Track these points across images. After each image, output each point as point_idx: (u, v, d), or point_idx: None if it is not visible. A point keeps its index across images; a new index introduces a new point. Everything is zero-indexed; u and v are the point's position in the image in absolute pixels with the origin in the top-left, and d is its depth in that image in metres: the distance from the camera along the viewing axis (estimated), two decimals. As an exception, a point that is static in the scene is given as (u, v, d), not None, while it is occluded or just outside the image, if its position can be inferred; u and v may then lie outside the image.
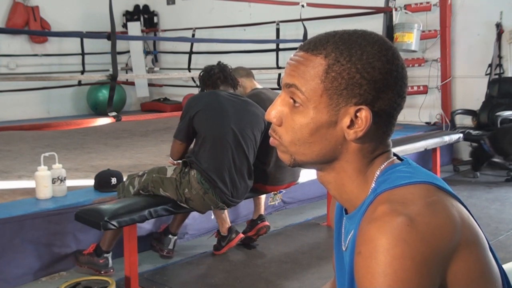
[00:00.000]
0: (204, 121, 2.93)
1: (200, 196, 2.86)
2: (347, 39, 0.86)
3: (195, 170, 2.88)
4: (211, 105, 2.97)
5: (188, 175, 2.87)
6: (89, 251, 3.05)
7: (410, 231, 0.74)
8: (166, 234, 3.28)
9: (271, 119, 0.90)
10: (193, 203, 2.89)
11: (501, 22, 5.65)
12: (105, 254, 3.02)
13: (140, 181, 2.98)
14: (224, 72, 3.17)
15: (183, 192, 2.86)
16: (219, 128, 2.93)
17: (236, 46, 7.40)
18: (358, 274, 0.77)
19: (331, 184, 0.92)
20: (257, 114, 3.07)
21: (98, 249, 3.03)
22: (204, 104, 2.97)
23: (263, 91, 3.43)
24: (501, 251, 3.27)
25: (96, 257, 3.01)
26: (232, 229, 3.32)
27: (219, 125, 2.93)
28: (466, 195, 4.55)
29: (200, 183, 2.85)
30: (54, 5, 8.31)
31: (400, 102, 0.88)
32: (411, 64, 6.11)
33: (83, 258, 3.06)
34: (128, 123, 6.84)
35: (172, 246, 3.27)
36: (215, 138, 2.91)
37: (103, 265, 3.02)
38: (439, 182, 0.85)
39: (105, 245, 3.02)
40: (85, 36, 8.24)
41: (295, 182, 3.42)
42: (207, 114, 2.94)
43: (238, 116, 2.99)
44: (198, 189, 2.85)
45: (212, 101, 2.99)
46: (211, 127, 2.92)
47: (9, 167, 4.44)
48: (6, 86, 7.29)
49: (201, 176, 2.86)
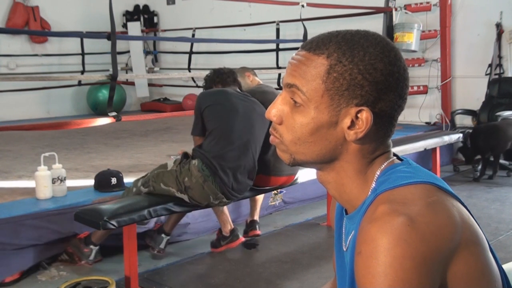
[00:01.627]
0: (212, 116, 2.99)
1: (199, 184, 2.87)
2: (350, 40, 0.86)
3: (196, 160, 2.91)
4: (220, 101, 3.04)
5: (189, 164, 2.91)
6: (80, 236, 3.10)
7: (411, 231, 0.74)
8: (160, 233, 3.28)
9: (271, 118, 0.90)
10: (193, 192, 2.88)
11: (501, 22, 5.65)
12: (91, 246, 3.08)
13: (143, 181, 3.01)
14: (233, 74, 3.28)
15: (183, 180, 2.87)
16: (226, 124, 2.98)
17: (236, 46, 7.40)
18: (359, 274, 0.77)
19: (331, 184, 0.92)
20: (262, 115, 3.08)
21: (87, 238, 3.09)
22: (214, 99, 3.05)
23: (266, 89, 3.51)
24: (501, 251, 3.26)
25: (83, 244, 3.08)
26: (234, 231, 3.33)
27: (227, 121, 2.98)
28: (466, 195, 4.55)
29: (201, 170, 2.87)
30: (54, 5, 8.32)
31: (401, 103, 0.88)
32: (411, 64, 6.11)
33: (74, 240, 3.12)
34: (128, 123, 6.84)
35: (163, 246, 3.27)
36: (222, 133, 2.96)
37: (86, 255, 3.08)
38: (439, 182, 0.85)
39: (95, 237, 3.07)
40: (85, 36, 8.24)
41: (294, 176, 3.43)
42: (216, 109, 3.00)
43: (247, 115, 3.04)
44: (198, 177, 2.86)
45: (222, 98, 3.06)
46: (219, 122, 2.98)
47: (9, 167, 4.44)
48: (6, 86, 7.29)
49: (202, 163, 2.89)
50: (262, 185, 3.32)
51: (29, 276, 3.00)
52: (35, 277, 3.01)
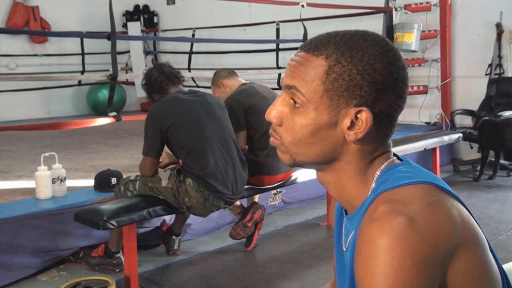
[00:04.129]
0: (182, 133, 2.82)
1: (201, 203, 2.86)
2: (349, 40, 0.86)
3: (190, 179, 2.84)
4: (180, 114, 2.84)
5: (184, 184, 2.84)
6: (99, 254, 3.07)
7: (410, 231, 0.74)
8: (170, 235, 3.31)
9: (271, 119, 0.90)
10: (195, 210, 2.90)
11: (501, 22, 5.64)
12: (116, 255, 3.06)
13: (134, 186, 2.94)
14: (164, 73, 3.01)
15: (183, 201, 2.85)
16: (200, 135, 2.86)
17: (236, 46, 7.40)
18: (358, 274, 0.77)
19: (331, 185, 0.92)
20: (213, 103, 3.01)
21: (108, 251, 3.05)
22: (175, 115, 2.82)
23: (251, 85, 3.40)
24: (501, 251, 3.26)
25: (108, 259, 3.06)
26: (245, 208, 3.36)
27: (199, 132, 2.86)
28: (466, 195, 4.55)
29: (199, 191, 2.83)
30: (54, 5, 8.32)
31: (401, 103, 0.88)
32: (411, 64, 6.11)
33: (94, 261, 3.08)
34: (128, 123, 6.82)
35: (177, 246, 3.33)
36: (199, 145, 2.85)
37: (117, 265, 3.07)
38: (439, 182, 0.85)
39: (114, 246, 3.04)
40: (85, 36, 8.24)
41: (292, 171, 3.43)
42: (182, 124, 2.82)
43: (208, 113, 2.94)
44: (198, 197, 2.84)
45: (181, 110, 2.86)
46: (192, 136, 2.84)
47: (9, 167, 4.44)
48: (6, 86, 7.29)
49: (198, 184, 2.83)
50: (260, 185, 3.33)
51: (29, 276, 3.00)
52: (35, 277, 3.02)
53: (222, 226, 3.78)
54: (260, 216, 3.38)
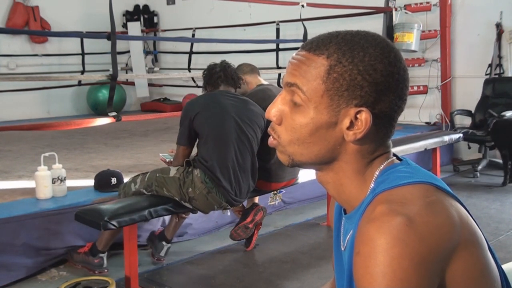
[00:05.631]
0: (204, 121, 2.90)
1: (203, 195, 2.86)
2: (350, 40, 0.86)
3: (198, 169, 2.87)
4: (209, 105, 2.95)
5: (192, 174, 2.87)
6: (84, 250, 3.06)
7: (409, 231, 0.74)
8: (161, 240, 3.22)
9: (271, 118, 0.90)
10: (197, 203, 2.88)
11: (501, 22, 5.65)
12: (100, 254, 3.03)
13: (143, 179, 2.96)
14: (225, 71, 3.11)
15: (187, 191, 2.85)
16: (220, 127, 2.92)
17: (236, 46, 7.40)
18: (357, 274, 0.77)
19: (330, 184, 0.92)
20: (256, 112, 3.07)
21: (93, 249, 3.03)
22: (203, 105, 2.94)
23: (268, 87, 3.39)
24: (501, 251, 3.26)
25: (91, 257, 3.03)
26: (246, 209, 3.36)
27: (221, 123, 2.92)
28: (466, 195, 4.55)
29: (204, 182, 2.85)
30: (54, 5, 8.32)
31: (401, 104, 0.88)
32: (411, 64, 6.11)
33: (77, 257, 3.07)
34: (128, 123, 6.84)
35: (164, 254, 3.21)
36: (217, 137, 2.91)
37: (98, 265, 3.03)
38: (438, 182, 0.85)
39: (101, 245, 3.02)
40: (85, 36, 8.24)
41: (295, 179, 3.43)
42: (207, 114, 2.92)
43: (238, 114, 2.98)
44: (202, 188, 2.84)
45: (210, 102, 2.97)
46: (213, 126, 2.91)
47: (9, 167, 4.44)
48: (6, 86, 7.29)
49: (204, 175, 2.86)
50: (263, 189, 3.34)
51: (29, 276, 3.00)
52: (35, 277, 3.02)
53: (222, 226, 3.78)
54: (261, 218, 3.38)
